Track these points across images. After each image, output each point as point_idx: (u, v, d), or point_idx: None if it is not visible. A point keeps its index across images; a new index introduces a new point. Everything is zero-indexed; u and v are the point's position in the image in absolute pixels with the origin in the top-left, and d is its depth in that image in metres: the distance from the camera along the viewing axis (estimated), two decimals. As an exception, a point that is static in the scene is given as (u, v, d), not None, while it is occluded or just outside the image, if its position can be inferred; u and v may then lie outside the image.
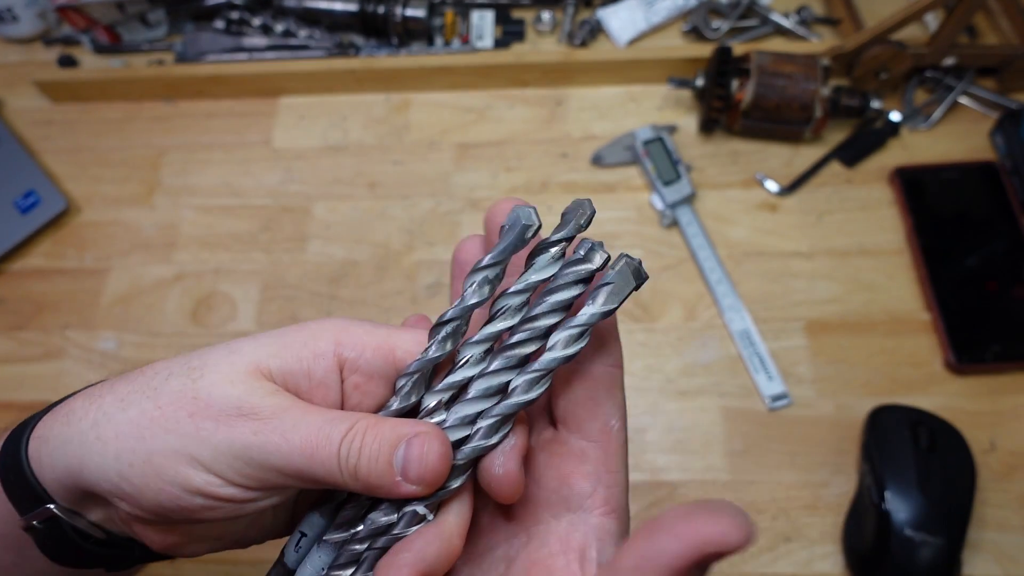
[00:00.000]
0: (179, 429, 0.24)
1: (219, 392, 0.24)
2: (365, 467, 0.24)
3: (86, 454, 0.25)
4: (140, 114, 0.71)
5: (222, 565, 0.52)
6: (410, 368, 0.25)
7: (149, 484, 0.24)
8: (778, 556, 0.50)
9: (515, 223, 0.25)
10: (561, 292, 0.24)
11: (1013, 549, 0.49)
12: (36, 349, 0.61)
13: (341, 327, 0.26)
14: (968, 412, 0.53)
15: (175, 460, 0.24)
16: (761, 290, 0.59)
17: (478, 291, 0.25)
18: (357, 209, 0.65)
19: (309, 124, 0.70)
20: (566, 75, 0.68)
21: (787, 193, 0.63)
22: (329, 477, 0.24)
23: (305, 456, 0.24)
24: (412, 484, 0.24)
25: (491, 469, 0.25)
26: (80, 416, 0.25)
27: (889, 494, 0.48)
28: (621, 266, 0.24)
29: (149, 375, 0.26)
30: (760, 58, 0.61)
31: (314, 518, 0.27)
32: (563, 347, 0.24)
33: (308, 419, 0.24)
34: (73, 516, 0.27)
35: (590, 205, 0.25)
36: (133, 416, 0.25)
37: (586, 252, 0.24)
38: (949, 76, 0.65)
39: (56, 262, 0.65)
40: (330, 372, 0.26)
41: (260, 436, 0.24)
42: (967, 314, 0.56)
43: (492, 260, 0.25)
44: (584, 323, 0.24)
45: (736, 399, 0.55)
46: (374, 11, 0.69)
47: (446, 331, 0.25)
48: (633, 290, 0.24)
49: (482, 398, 0.25)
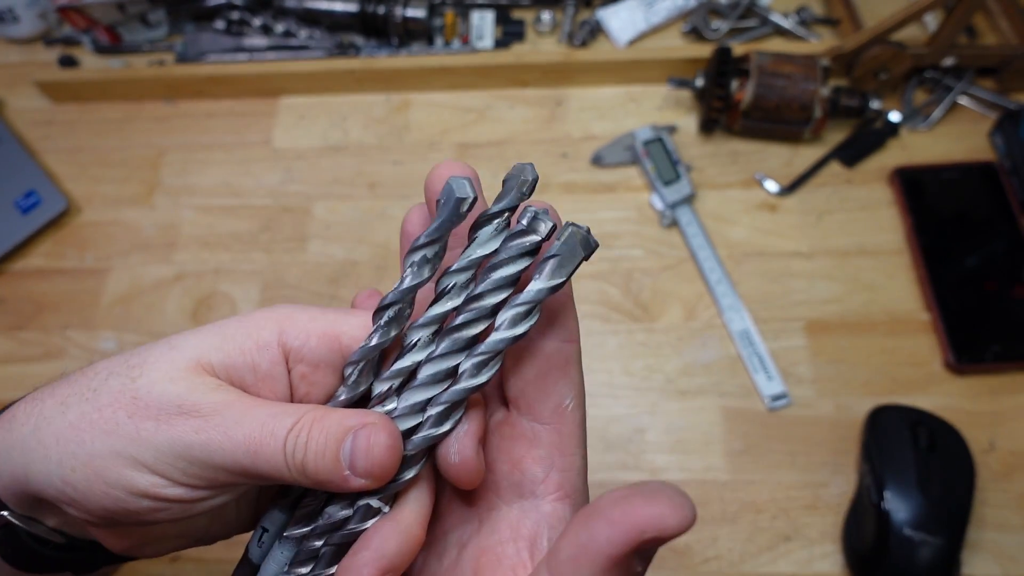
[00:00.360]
0: (119, 431, 0.23)
1: (159, 390, 0.23)
2: (312, 462, 0.23)
3: (29, 461, 0.24)
4: (140, 114, 0.71)
5: (222, 565, 0.52)
6: (354, 357, 0.24)
7: (93, 488, 0.23)
8: (778, 556, 0.50)
9: (449, 197, 0.23)
10: (506, 267, 0.23)
11: (1013, 549, 0.49)
12: (36, 349, 0.61)
13: (285, 315, 0.25)
14: (968, 412, 0.53)
15: (117, 463, 0.23)
16: (761, 290, 0.59)
17: (417, 272, 0.23)
18: (357, 209, 0.65)
19: (309, 124, 0.70)
20: (566, 75, 0.68)
21: (787, 193, 0.63)
22: (276, 473, 0.23)
23: (250, 453, 0.23)
24: (361, 477, 0.23)
25: (447, 458, 0.24)
26: (22, 422, 0.25)
27: (889, 494, 0.48)
28: (568, 235, 0.22)
29: (89, 376, 0.25)
30: (760, 58, 0.61)
31: (275, 513, 0.27)
32: (510, 326, 0.23)
33: (252, 414, 0.23)
34: (30, 522, 0.26)
35: (532, 170, 0.23)
36: (73, 419, 0.24)
37: (529, 222, 0.23)
38: (948, 76, 0.65)
39: (56, 262, 0.65)
40: (276, 364, 0.25)
41: (202, 434, 0.23)
42: (967, 314, 0.56)
43: (428, 238, 0.23)
44: (531, 300, 0.23)
45: (736, 399, 0.55)
46: (374, 11, 0.69)
47: (388, 315, 0.24)
48: (582, 260, 0.23)
49: (431, 384, 0.24)
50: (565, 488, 0.25)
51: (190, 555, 0.52)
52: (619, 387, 0.56)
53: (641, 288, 0.60)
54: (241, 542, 0.45)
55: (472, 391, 0.23)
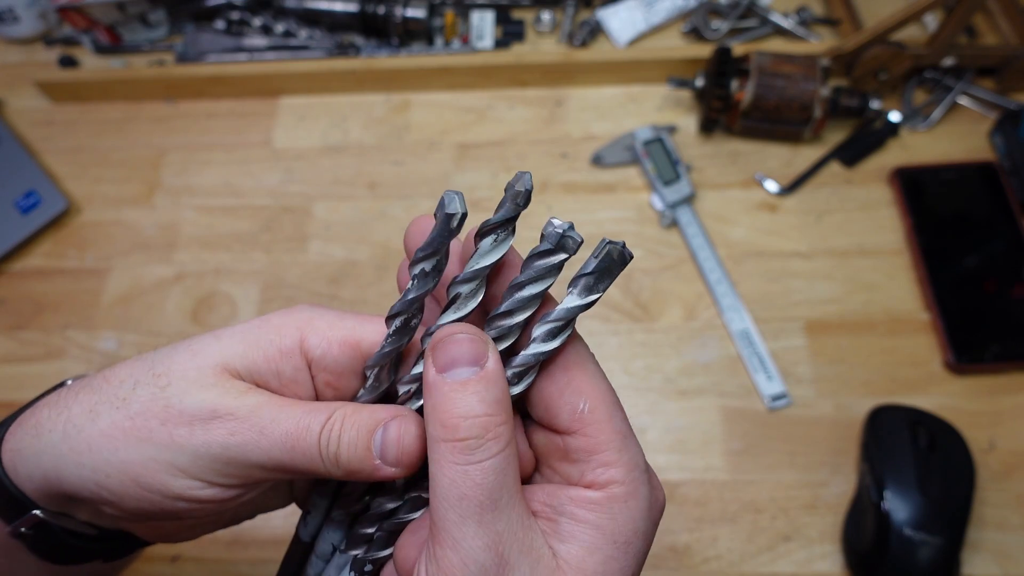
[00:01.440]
0: (153, 438, 0.24)
1: (191, 399, 0.24)
2: (345, 453, 0.24)
3: (62, 466, 0.25)
4: (140, 114, 0.71)
5: (222, 564, 0.52)
6: (371, 362, 0.25)
7: (128, 492, 0.24)
8: (778, 555, 0.50)
9: (440, 212, 0.23)
10: (532, 286, 0.23)
11: (1012, 548, 0.49)
12: (37, 349, 0.61)
13: (305, 320, 0.26)
14: (967, 412, 0.53)
15: (152, 469, 0.24)
16: (761, 290, 0.59)
17: (419, 283, 0.24)
18: (357, 209, 0.65)
19: (309, 124, 0.70)
20: (566, 75, 0.68)
21: (787, 193, 0.63)
22: (311, 467, 0.24)
23: (286, 449, 0.24)
24: (391, 466, 0.24)
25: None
26: (49, 428, 0.25)
27: (888, 494, 0.48)
28: (605, 253, 0.23)
29: (115, 384, 0.25)
30: (760, 58, 0.61)
31: (315, 499, 0.28)
32: (544, 341, 0.23)
33: (286, 412, 0.24)
34: (61, 518, 0.27)
35: (528, 180, 0.23)
36: (104, 428, 0.24)
37: (558, 241, 0.23)
38: (948, 76, 0.65)
39: (57, 262, 0.65)
40: (299, 370, 0.26)
41: (237, 436, 0.24)
42: (966, 314, 0.56)
43: (424, 253, 0.24)
44: (566, 316, 0.23)
45: (735, 399, 0.55)
46: (374, 11, 0.69)
47: (396, 324, 0.25)
48: (617, 275, 0.24)
49: None
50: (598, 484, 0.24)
51: (190, 555, 0.52)
52: (619, 387, 0.55)
53: (641, 288, 0.60)
54: (244, 541, 0.45)
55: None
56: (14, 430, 0.26)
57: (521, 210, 0.23)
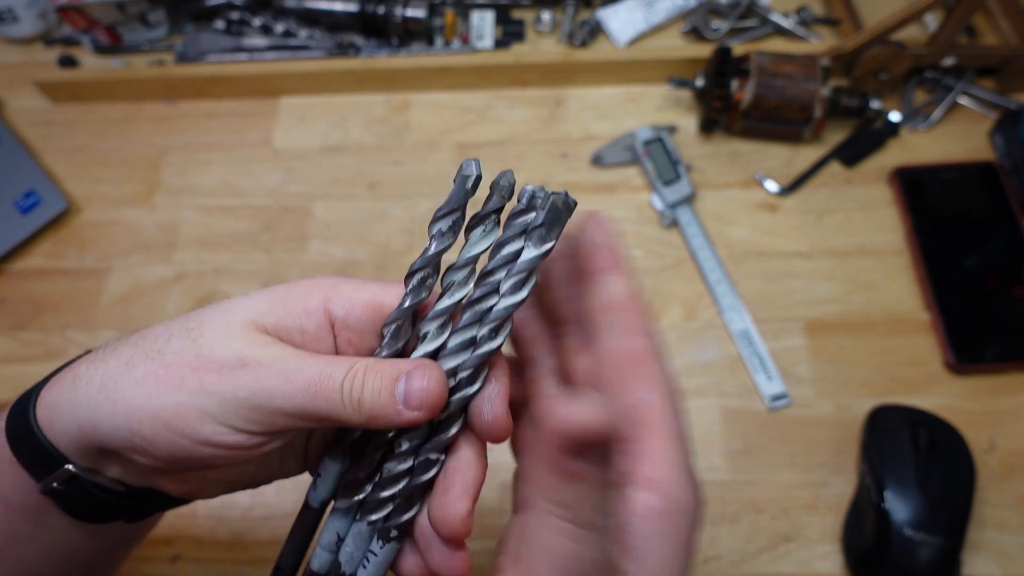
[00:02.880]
0: (185, 385, 0.25)
1: (221, 347, 0.26)
2: (369, 399, 0.26)
3: (97, 415, 0.26)
4: (140, 114, 0.71)
5: (221, 565, 0.52)
6: (390, 319, 0.27)
7: (160, 438, 0.26)
8: (778, 556, 0.50)
9: (459, 176, 0.26)
10: (510, 244, 0.26)
11: (1013, 549, 0.49)
12: (36, 349, 0.61)
13: (329, 285, 0.28)
14: (968, 412, 0.53)
15: (183, 414, 0.25)
16: (761, 290, 0.59)
17: (440, 240, 0.27)
18: (357, 209, 0.65)
19: (309, 124, 0.70)
20: (566, 75, 0.68)
21: (787, 193, 0.63)
22: (332, 412, 0.26)
23: (309, 394, 0.25)
24: (414, 411, 0.26)
25: (481, 416, 0.27)
26: (86, 380, 0.27)
27: (889, 494, 0.48)
28: (549, 204, 0.26)
29: (150, 339, 0.27)
30: (760, 58, 0.61)
31: (326, 462, 0.30)
32: (511, 293, 0.26)
33: (309, 362, 0.26)
34: (91, 473, 0.28)
35: (511, 176, 0.26)
36: (139, 377, 0.26)
37: (527, 199, 0.26)
38: (948, 76, 0.65)
39: (56, 262, 0.65)
40: (322, 328, 0.28)
41: (263, 381, 0.25)
42: (967, 314, 0.56)
43: (444, 211, 0.27)
44: (525, 268, 0.26)
45: (736, 399, 0.55)
46: (374, 11, 0.69)
47: (416, 280, 0.27)
48: (565, 223, 0.26)
49: (457, 352, 0.27)
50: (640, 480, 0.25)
51: (190, 555, 0.52)
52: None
53: (641, 288, 0.60)
54: (244, 542, 0.46)
55: (488, 355, 0.27)
56: (50, 387, 0.28)
57: (506, 202, 0.27)
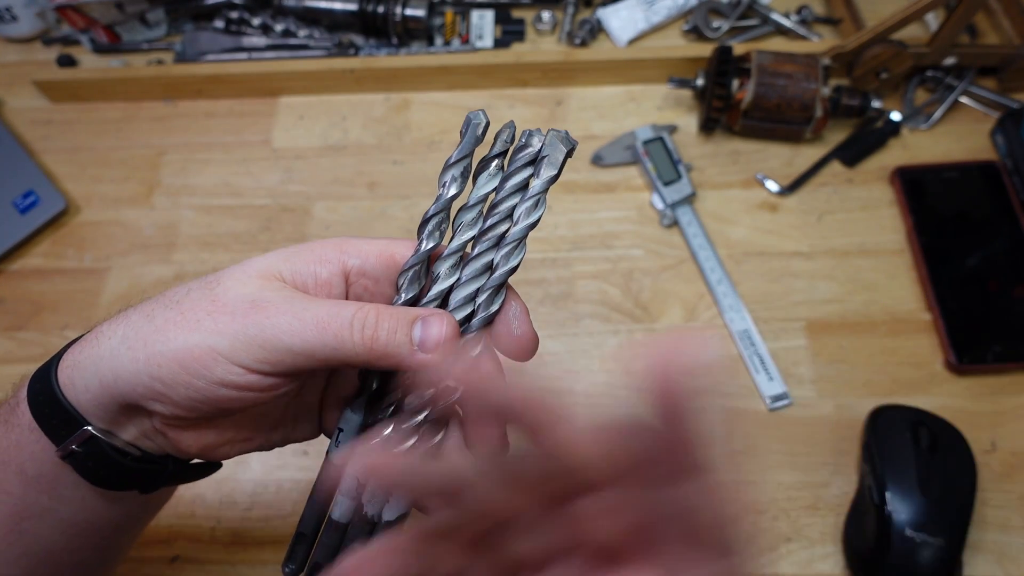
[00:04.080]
0: (200, 327, 0.27)
1: (234, 292, 0.27)
2: (384, 339, 0.27)
3: (119, 365, 0.27)
4: (140, 114, 0.71)
5: (221, 565, 0.52)
6: (407, 265, 0.29)
7: (178, 380, 0.27)
8: (779, 556, 0.50)
9: (468, 124, 0.29)
10: (516, 175, 0.29)
11: (1014, 550, 0.49)
12: (35, 349, 0.61)
13: (344, 240, 0.30)
14: (969, 412, 0.53)
15: (197, 354, 0.26)
16: (761, 290, 0.59)
17: (452, 185, 0.29)
18: (357, 209, 0.65)
19: (309, 124, 0.69)
20: (566, 75, 0.68)
21: (787, 193, 0.63)
22: (342, 347, 0.27)
23: (318, 329, 0.26)
24: (429, 353, 0.27)
25: (509, 332, 0.29)
26: (108, 335, 0.28)
27: (890, 494, 0.48)
28: (550, 138, 0.28)
29: (170, 294, 0.29)
30: (760, 58, 0.61)
31: (347, 414, 0.31)
32: (526, 216, 0.28)
33: (318, 303, 0.27)
34: (109, 436, 0.29)
35: (512, 124, 0.30)
36: (159, 324, 0.27)
37: (527, 138, 0.29)
38: (950, 76, 0.65)
39: (55, 262, 0.65)
40: (335, 275, 0.29)
41: (272, 319, 0.26)
42: (968, 314, 0.56)
43: (457, 157, 0.29)
44: (536, 192, 0.28)
45: (736, 399, 0.55)
46: (374, 11, 0.69)
47: (431, 226, 0.29)
48: (567, 155, 0.28)
49: (475, 278, 0.29)
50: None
51: (189, 556, 0.52)
52: (619, 387, 0.55)
53: (641, 288, 0.59)
54: (244, 542, 0.45)
55: (508, 274, 0.29)
56: (72, 349, 0.29)
57: (508, 146, 0.29)
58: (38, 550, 0.31)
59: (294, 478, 0.54)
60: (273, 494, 0.54)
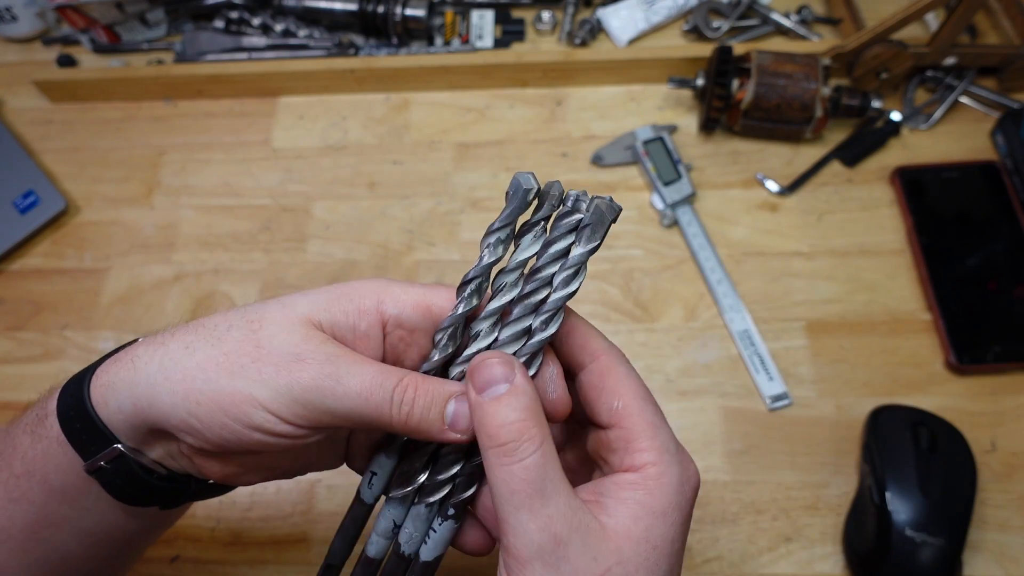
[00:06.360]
0: (243, 373, 0.27)
1: (278, 341, 0.28)
2: (418, 415, 0.28)
3: (155, 394, 0.27)
4: (139, 114, 0.71)
5: (221, 565, 0.52)
6: (444, 324, 0.29)
7: (215, 420, 0.27)
8: (778, 556, 0.50)
9: (517, 188, 0.28)
10: (557, 243, 0.28)
11: (1014, 550, 0.49)
12: (35, 349, 0.61)
13: (382, 287, 0.30)
14: (969, 412, 0.53)
15: (239, 400, 0.27)
16: (761, 290, 0.59)
17: (493, 251, 0.29)
18: (357, 209, 0.65)
19: (309, 124, 0.69)
20: (566, 75, 0.68)
21: (787, 193, 0.62)
22: (379, 419, 0.27)
23: (361, 399, 0.27)
24: (459, 434, 0.28)
25: (546, 395, 0.29)
26: (145, 361, 0.28)
27: (890, 494, 0.48)
28: (594, 207, 0.28)
29: (210, 327, 0.29)
30: (760, 58, 0.61)
31: (381, 458, 0.31)
32: (563, 286, 0.28)
33: (362, 368, 0.28)
34: (136, 454, 0.29)
35: (559, 185, 0.29)
36: (200, 360, 0.27)
37: (573, 203, 0.28)
38: (950, 76, 0.65)
39: (55, 262, 0.65)
40: (373, 327, 0.29)
41: (317, 381, 0.27)
42: (968, 314, 0.56)
43: (501, 223, 0.28)
44: (576, 263, 0.28)
45: (736, 399, 0.55)
46: (374, 11, 0.69)
47: (470, 288, 0.29)
48: (611, 224, 0.28)
49: (512, 342, 0.29)
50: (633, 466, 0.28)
51: (189, 556, 0.52)
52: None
53: (641, 288, 0.59)
54: (244, 542, 0.45)
55: (544, 342, 0.29)
56: (106, 367, 0.29)
57: (555, 210, 0.29)
58: (54, 558, 0.31)
59: (295, 479, 0.54)
60: (273, 494, 0.54)
